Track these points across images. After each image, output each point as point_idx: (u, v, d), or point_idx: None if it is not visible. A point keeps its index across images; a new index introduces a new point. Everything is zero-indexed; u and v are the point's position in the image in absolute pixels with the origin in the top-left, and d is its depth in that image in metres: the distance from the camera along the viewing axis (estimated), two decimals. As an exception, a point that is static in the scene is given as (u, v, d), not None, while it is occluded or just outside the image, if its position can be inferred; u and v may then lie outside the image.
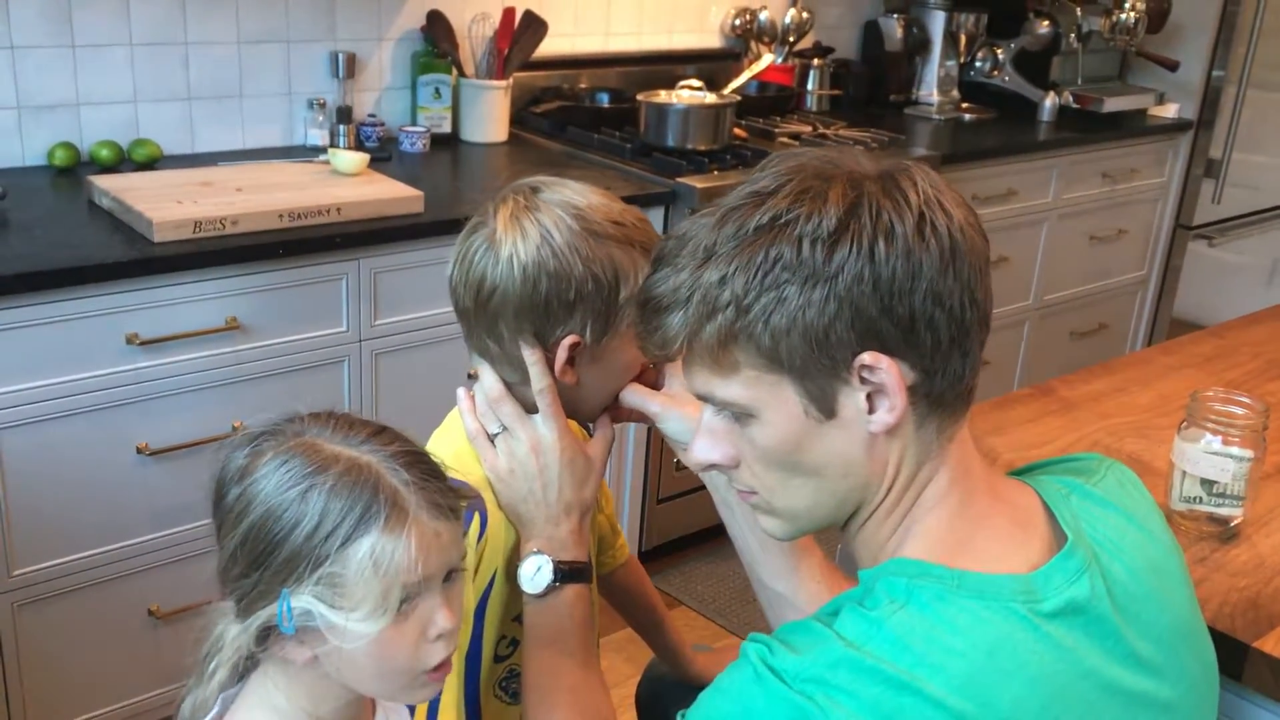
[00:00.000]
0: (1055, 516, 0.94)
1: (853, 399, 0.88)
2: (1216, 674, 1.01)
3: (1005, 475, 1.01)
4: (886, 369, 0.86)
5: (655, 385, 1.26)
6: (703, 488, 3.02)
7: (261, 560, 0.95)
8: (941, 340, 0.86)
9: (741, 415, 0.91)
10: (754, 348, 0.87)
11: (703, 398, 0.94)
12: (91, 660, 2.03)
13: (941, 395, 0.89)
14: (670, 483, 2.79)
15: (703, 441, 0.95)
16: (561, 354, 1.19)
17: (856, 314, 0.85)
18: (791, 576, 1.18)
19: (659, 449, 2.73)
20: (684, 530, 2.88)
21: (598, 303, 1.17)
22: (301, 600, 0.93)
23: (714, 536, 2.94)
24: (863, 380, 0.87)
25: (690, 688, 1.53)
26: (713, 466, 0.96)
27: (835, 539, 1.03)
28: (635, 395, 1.22)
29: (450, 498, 1.00)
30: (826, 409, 0.89)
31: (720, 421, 0.94)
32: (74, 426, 1.91)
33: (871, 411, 0.88)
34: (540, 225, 1.17)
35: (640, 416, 1.25)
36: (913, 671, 0.82)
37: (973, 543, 0.90)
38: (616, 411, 1.27)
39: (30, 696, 1.98)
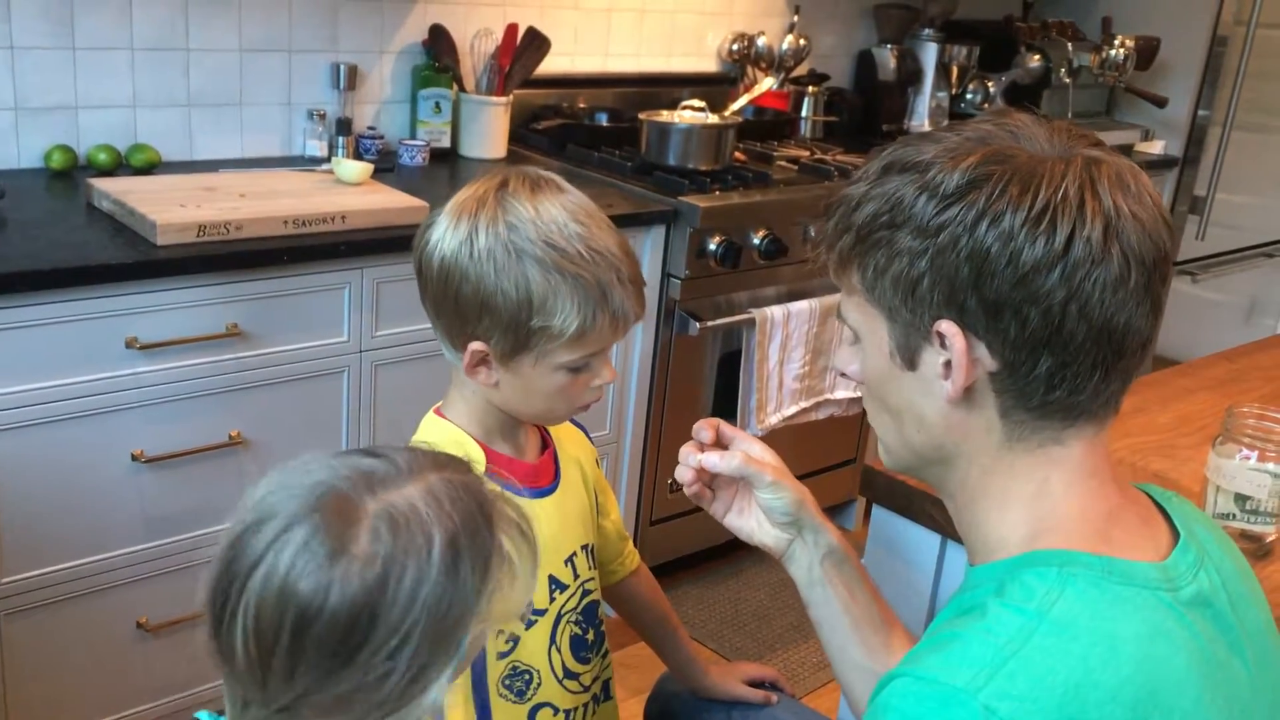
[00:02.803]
0: (1167, 516, 0.95)
1: (933, 359, 0.89)
2: None
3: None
4: (955, 341, 0.86)
5: (585, 388, 1.24)
6: (694, 511, 3.00)
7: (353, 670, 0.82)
8: (1027, 336, 0.85)
9: (854, 336, 0.96)
10: (862, 276, 0.91)
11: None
12: (78, 672, 1.97)
13: (1028, 393, 0.87)
14: (664, 505, 2.77)
15: (843, 352, 0.99)
16: (465, 356, 1.19)
17: (942, 278, 0.86)
18: (884, 652, 1.16)
19: (653, 470, 2.71)
20: (676, 553, 2.85)
21: (504, 317, 1.16)
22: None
23: (706, 560, 2.92)
24: (942, 346, 0.88)
25: (703, 703, 1.52)
26: (844, 375, 1.00)
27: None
28: (751, 467, 1.19)
29: (525, 522, 0.92)
30: (908, 359, 0.91)
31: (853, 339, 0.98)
32: (69, 431, 1.86)
33: (945, 379, 0.89)
34: (475, 221, 1.16)
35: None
36: (1086, 663, 0.80)
37: (1110, 534, 0.89)
38: (703, 488, 1.24)
39: (15, 708, 1.92)
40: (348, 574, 0.81)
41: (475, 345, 1.18)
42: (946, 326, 0.86)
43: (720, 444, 1.25)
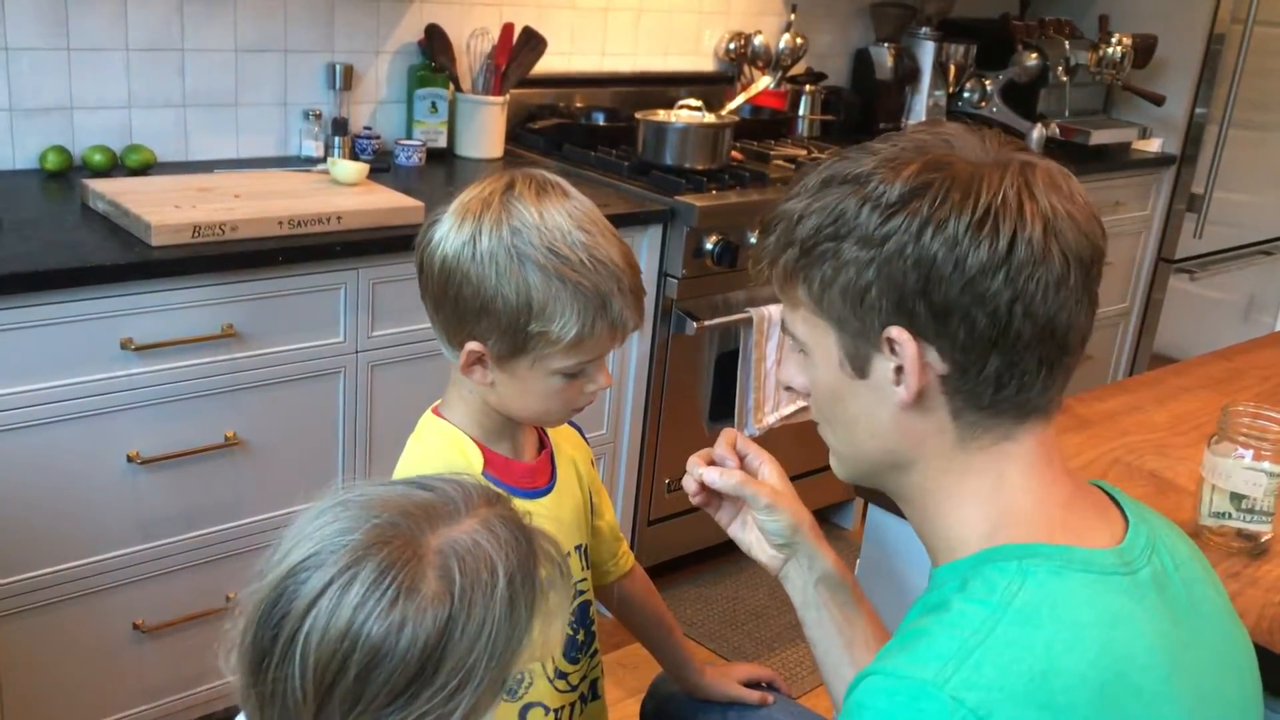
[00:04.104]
0: (1119, 505, 0.96)
1: (884, 366, 0.90)
2: (1258, 674, 1.00)
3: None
4: (906, 347, 0.88)
5: (579, 394, 1.24)
6: (692, 511, 3.00)
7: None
8: (976, 339, 0.87)
9: (802, 350, 0.96)
10: (808, 289, 0.92)
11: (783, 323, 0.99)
12: (74, 674, 1.97)
13: (978, 394, 0.89)
14: (661, 505, 2.76)
15: (790, 365, 1.00)
16: (462, 355, 1.20)
17: (891, 285, 0.87)
18: None
19: (650, 470, 2.71)
20: (674, 553, 2.85)
21: (503, 320, 1.16)
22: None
23: (705, 559, 2.92)
24: (892, 352, 0.89)
25: (699, 704, 1.51)
26: (789, 389, 1.00)
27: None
28: (748, 488, 1.18)
29: (562, 560, 0.93)
30: (859, 368, 0.92)
31: (799, 352, 0.98)
32: (64, 432, 1.86)
33: (897, 384, 0.90)
34: (479, 223, 1.16)
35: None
36: (1051, 650, 0.81)
37: (1067, 522, 0.91)
38: (708, 497, 1.23)
39: (11, 710, 1.92)
40: (420, 612, 0.80)
41: (472, 345, 1.19)
42: (897, 333, 0.88)
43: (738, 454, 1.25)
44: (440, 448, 1.25)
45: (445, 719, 0.81)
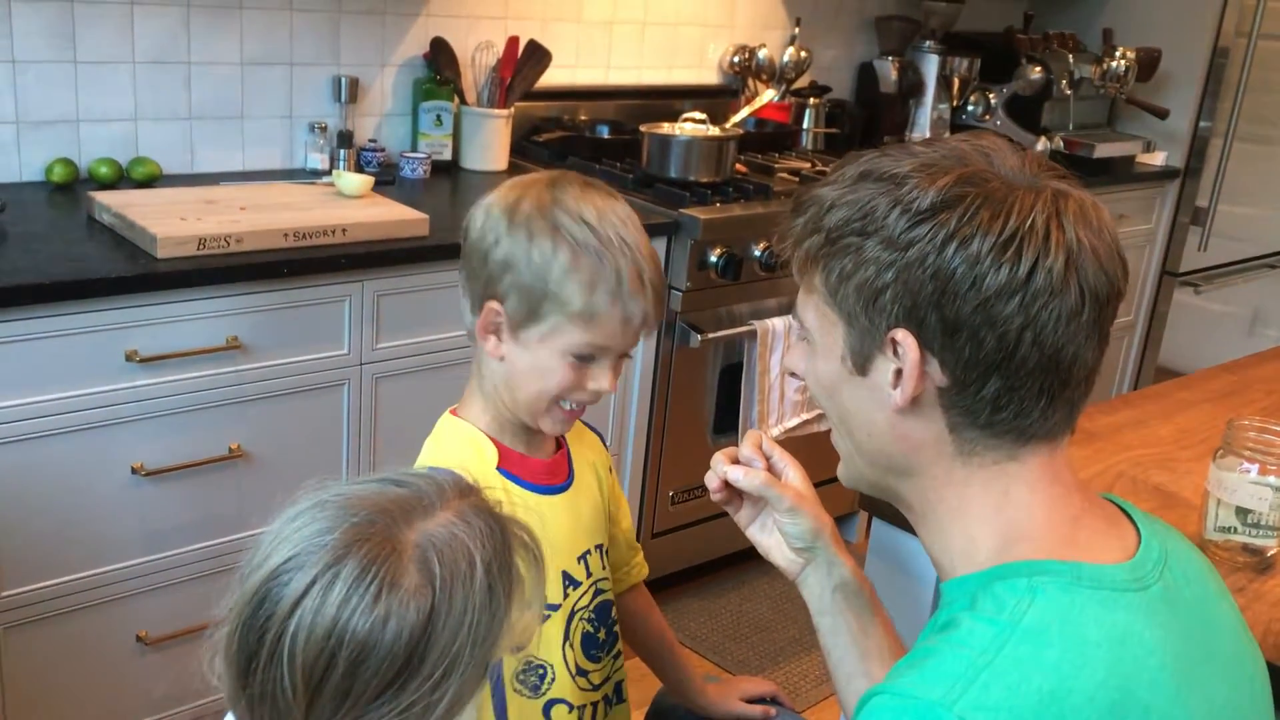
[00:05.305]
0: (1131, 519, 0.96)
1: (884, 367, 0.91)
2: (1269, 690, 0.99)
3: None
4: (909, 352, 0.88)
5: (579, 386, 1.24)
6: (697, 523, 2.99)
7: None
8: (981, 359, 0.87)
9: (805, 339, 0.97)
10: (825, 278, 0.92)
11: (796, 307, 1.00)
12: (78, 686, 1.97)
13: (974, 412, 0.90)
14: (665, 517, 2.76)
15: (795, 351, 1.01)
16: (482, 315, 1.23)
17: (907, 291, 0.87)
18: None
19: (654, 483, 2.71)
20: (678, 565, 2.84)
21: (525, 279, 1.20)
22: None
23: (708, 572, 2.91)
24: (895, 355, 0.90)
25: (701, 719, 1.51)
26: (793, 375, 1.02)
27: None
28: (772, 490, 1.19)
29: (535, 545, 0.94)
30: (860, 365, 0.93)
31: (804, 340, 0.99)
32: (69, 444, 1.86)
33: (894, 388, 0.91)
34: (524, 193, 1.23)
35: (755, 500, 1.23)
36: (1060, 669, 0.81)
37: (1077, 538, 0.91)
38: (729, 493, 1.23)
39: (14, 723, 1.92)
40: (403, 606, 0.82)
41: (492, 304, 1.22)
42: (902, 336, 0.88)
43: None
44: (454, 446, 1.27)
45: (433, 708, 0.83)
